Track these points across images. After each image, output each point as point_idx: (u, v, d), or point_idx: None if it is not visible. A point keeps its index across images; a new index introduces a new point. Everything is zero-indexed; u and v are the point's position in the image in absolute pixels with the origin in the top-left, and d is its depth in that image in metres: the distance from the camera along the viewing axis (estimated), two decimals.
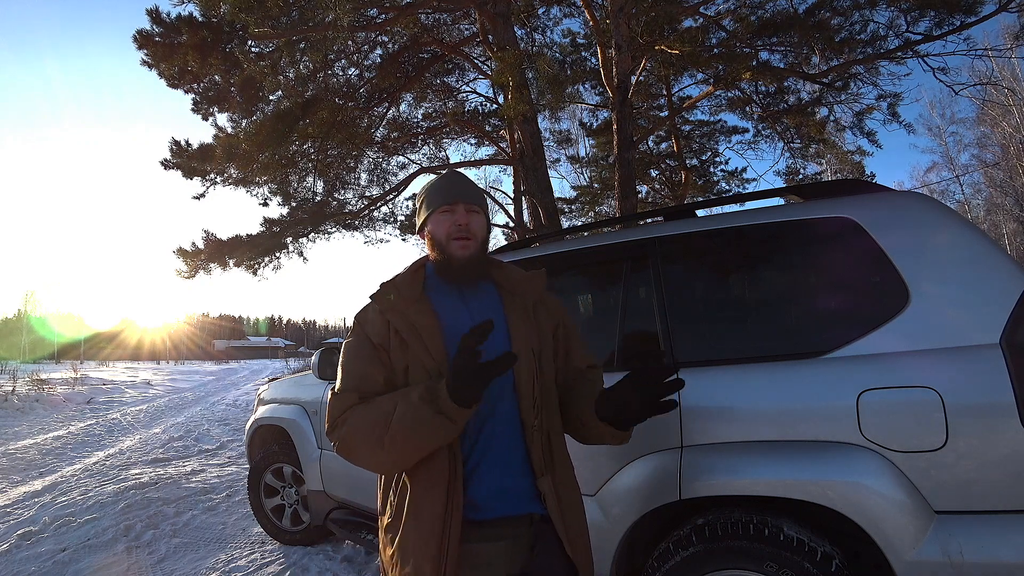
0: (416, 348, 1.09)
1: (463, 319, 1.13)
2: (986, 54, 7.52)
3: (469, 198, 1.17)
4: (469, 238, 1.15)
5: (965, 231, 1.43)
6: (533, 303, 1.21)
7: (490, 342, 1.04)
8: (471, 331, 0.94)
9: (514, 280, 1.22)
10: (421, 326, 1.11)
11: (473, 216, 1.17)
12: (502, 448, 1.08)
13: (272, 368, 30.10)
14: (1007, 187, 19.68)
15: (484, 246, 1.20)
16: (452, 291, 1.18)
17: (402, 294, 1.16)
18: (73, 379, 14.86)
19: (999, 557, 1.20)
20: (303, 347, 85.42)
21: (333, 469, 2.79)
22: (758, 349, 1.61)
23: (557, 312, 1.26)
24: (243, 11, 5.19)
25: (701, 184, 11.67)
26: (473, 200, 1.18)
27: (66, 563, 3.06)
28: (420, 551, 0.99)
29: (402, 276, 1.22)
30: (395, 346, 1.12)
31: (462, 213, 1.15)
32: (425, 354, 1.08)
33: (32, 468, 5.58)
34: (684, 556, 1.46)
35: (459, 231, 1.14)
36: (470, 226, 1.15)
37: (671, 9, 6.59)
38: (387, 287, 1.19)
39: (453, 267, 1.15)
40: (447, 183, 1.19)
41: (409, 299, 1.15)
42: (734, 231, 1.75)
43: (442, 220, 1.16)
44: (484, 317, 1.09)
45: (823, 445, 1.39)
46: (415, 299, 1.15)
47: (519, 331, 1.14)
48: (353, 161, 8.72)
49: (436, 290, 1.18)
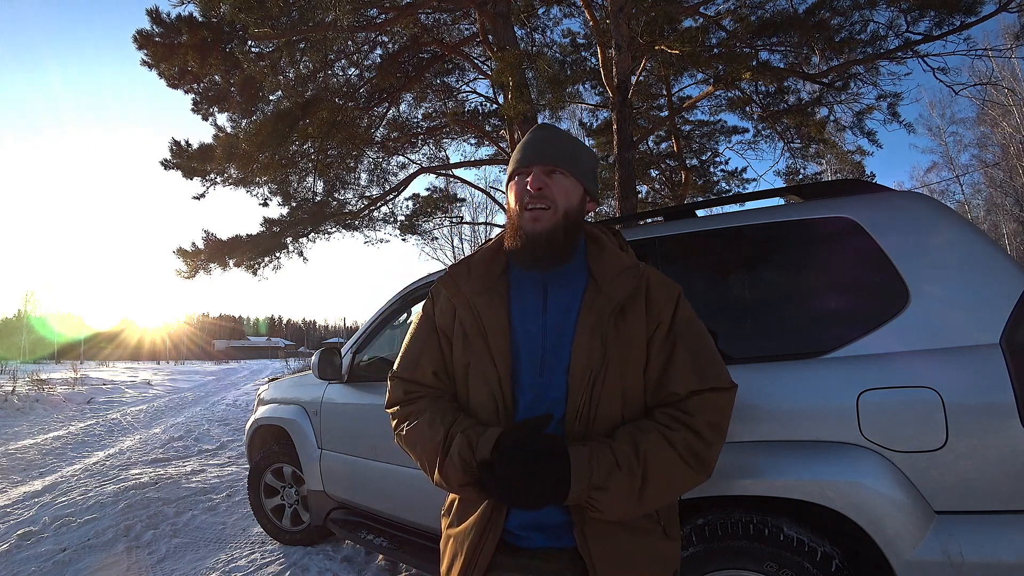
0: (480, 350, 0.93)
1: (535, 321, 0.94)
2: (986, 54, 7.51)
3: (548, 158, 0.94)
4: (544, 207, 0.92)
5: (965, 231, 1.43)
6: (621, 303, 0.92)
7: (552, 357, 0.92)
8: (525, 424, 0.83)
9: (607, 269, 0.95)
10: (489, 323, 0.94)
11: (555, 178, 0.93)
12: None
13: (272, 368, 30.10)
14: (1007, 187, 19.67)
15: (570, 218, 0.94)
16: (535, 278, 0.97)
17: (474, 277, 0.98)
18: (73, 379, 14.85)
19: (999, 557, 1.20)
20: (303, 347, 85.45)
21: (333, 469, 2.79)
22: (758, 349, 1.61)
23: (663, 312, 0.94)
24: (243, 11, 5.20)
25: (701, 184, 11.67)
26: (553, 159, 0.94)
27: (66, 563, 3.06)
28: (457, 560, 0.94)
29: (481, 254, 1.02)
30: (458, 339, 0.97)
31: (537, 175, 0.92)
32: (487, 359, 0.92)
33: (32, 468, 5.58)
34: (684, 556, 1.46)
35: (532, 199, 0.92)
36: (546, 191, 0.92)
37: (671, 9, 6.59)
38: (458, 267, 1.02)
39: (524, 246, 0.93)
40: (528, 140, 0.98)
41: (482, 285, 0.97)
42: (734, 231, 1.75)
43: (516, 186, 0.96)
44: (559, 318, 0.94)
45: (823, 445, 1.39)
46: (490, 286, 0.97)
47: (582, 348, 0.90)
48: (353, 161, 8.73)
49: (518, 275, 0.99)
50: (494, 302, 0.96)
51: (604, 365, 0.89)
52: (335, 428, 2.79)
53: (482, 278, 0.98)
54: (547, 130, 1.00)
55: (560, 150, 0.96)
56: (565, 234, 0.93)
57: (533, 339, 0.93)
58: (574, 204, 0.95)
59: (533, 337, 0.93)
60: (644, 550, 0.91)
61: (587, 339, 0.91)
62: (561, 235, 0.93)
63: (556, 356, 0.92)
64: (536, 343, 0.93)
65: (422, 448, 0.93)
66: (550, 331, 0.93)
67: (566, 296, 0.96)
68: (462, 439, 0.88)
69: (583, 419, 0.90)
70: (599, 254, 0.98)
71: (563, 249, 0.94)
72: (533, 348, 0.93)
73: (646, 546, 0.91)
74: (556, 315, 0.94)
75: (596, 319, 0.92)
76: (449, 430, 0.91)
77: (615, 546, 0.88)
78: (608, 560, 0.87)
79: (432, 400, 0.99)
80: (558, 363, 0.92)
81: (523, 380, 0.93)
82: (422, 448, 0.93)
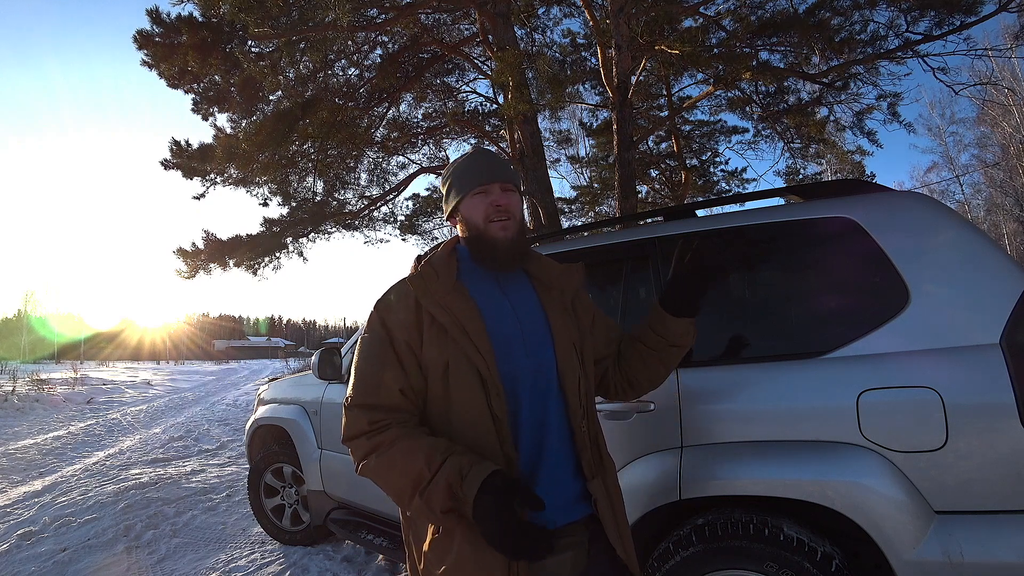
0: (461, 341, 0.98)
1: (504, 311, 1.06)
2: (986, 54, 7.52)
3: (504, 176, 1.08)
4: (509, 218, 1.07)
5: (965, 231, 1.43)
6: (571, 298, 1.14)
7: (532, 339, 1.05)
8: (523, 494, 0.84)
9: (551, 273, 1.14)
10: (464, 317, 1.00)
11: (510, 195, 1.09)
12: (555, 455, 1.03)
13: (272, 368, 30.09)
14: (1007, 187, 19.67)
15: (523, 227, 1.12)
16: (489, 278, 1.10)
17: (441, 278, 1.05)
18: (73, 379, 14.84)
19: (999, 557, 1.20)
20: (303, 347, 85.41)
21: (333, 469, 2.79)
22: (758, 349, 1.61)
23: (590, 305, 1.21)
24: (243, 11, 5.19)
25: (701, 184, 11.67)
26: (509, 178, 1.09)
27: (66, 563, 3.06)
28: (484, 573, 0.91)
29: (438, 257, 1.10)
30: (431, 339, 1.00)
31: (499, 193, 1.07)
32: (471, 348, 0.98)
33: (32, 468, 5.58)
34: (684, 556, 1.46)
35: (498, 212, 1.06)
36: (508, 205, 1.07)
37: (671, 9, 6.59)
38: (426, 268, 1.07)
39: (497, 250, 1.06)
40: (478, 162, 1.10)
41: (449, 285, 1.04)
42: (734, 231, 1.75)
43: (477, 202, 1.07)
44: (524, 309, 1.08)
45: (823, 445, 1.39)
46: (453, 286, 1.05)
47: (561, 328, 1.07)
48: (353, 161, 8.71)
49: (471, 277, 1.09)
50: (463, 298, 1.04)
51: (582, 342, 1.10)
52: (335, 428, 2.79)
53: (446, 278, 1.06)
54: (489, 153, 1.15)
55: (508, 171, 1.11)
56: (523, 238, 1.12)
57: (509, 326, 1.05)
58: (523, 216, 1.14)
59: (508, 325, 1.05)
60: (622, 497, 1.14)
61: (561, 321, 1.09)
62: (522, 240, 1.11)
63: (535, 337, 1.06)
64: (513, 329, 1.05)
65: (399, 472, 0.92)
66: (523, 319, 1.07)
67: (521, 291, 1.12)
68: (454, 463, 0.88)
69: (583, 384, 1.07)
70: (536, 259, 1.17)
71: (525, 250, 1.13)
72: (512, 334, 1.04)
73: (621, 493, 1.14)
74: (520, 304, 1.09)
75: (560, 303, 1.11)
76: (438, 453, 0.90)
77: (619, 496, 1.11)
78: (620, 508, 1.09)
79: (401, 427, 0.96)
80: (541, 343, 1.06)
81: (515, 362, 1.02)
82: (399, 472, 0.92)
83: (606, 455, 1.13)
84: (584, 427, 1.05)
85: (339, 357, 2.72)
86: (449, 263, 1.08)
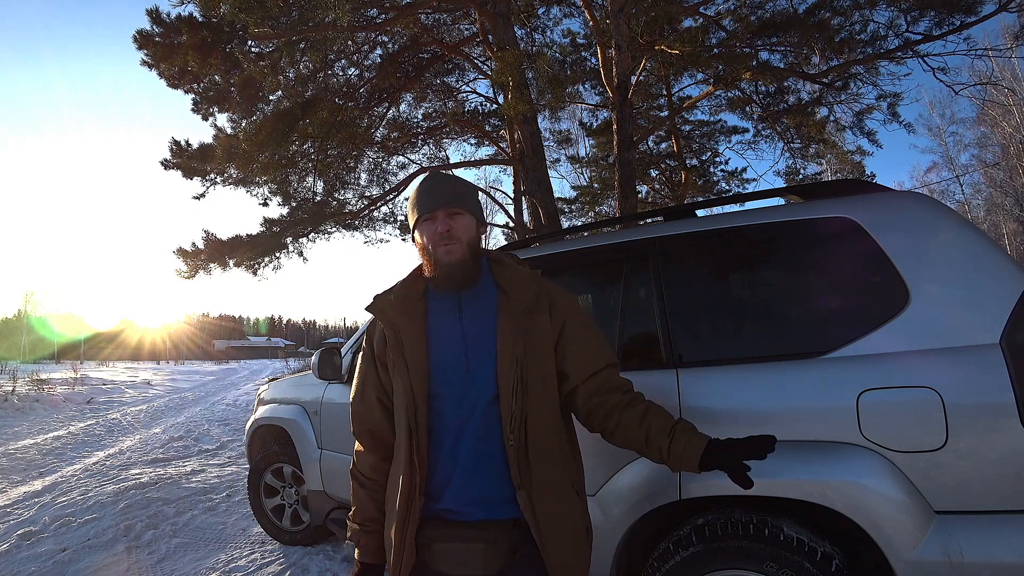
0: (397, 359, 1.11)
1: (453, 328, 1.13)
2: (986, 54, 7.52)
3: (448, 203, 1.13)
4: (453, 243, 1.12)
5: (965, 231, 1.43)
6: (529, 306, 1.14)
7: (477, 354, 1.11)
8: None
9: (512, 281, 1.17)
10: (405, 334, 1.12)
11: (456, 219, 1.14)
12: (481, 459, 1.08)
13: (272, 368, 30.10)
14: (1007, 187, 19.67)
15: (473, 247, 1.16)
16: (451, 296, 1.16)
17: (396, 300, 1.17)
18: (73, 379, 14.84)
19: (999, 557, 1.20)
20: (303, 347, 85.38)
21: (333, 469, 2.79)
22: (758, 349, 1.61)
23: (565, 312, 1.18)
24: (243, 11, 5.19)
25: (701, 184, 11.67)
26: (453, 204, 1.13)
27: (66, 563, 3.06)
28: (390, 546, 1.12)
29: (401, 282, 1.22)
30: (389, 358, 1.15)
31: (442, 220, 1.13)
32: (402, 363, 1.10)
33: (32, 468, 5.58)
34: (684, 556, 1.46)
35: (442, 238, 1.12)
36: (452, 231, 1.12)
37: (671, 9, 6.59)
38: (384, 294, 1.22)
39: (442, 273, 1.13)
40: (426, 190, 1.15)
41: (403, 306, 1.16)
42: (734, 231, 1.75)
43: (425, 228, 1.15)
44: (476, 324, 1.13)
45: (823, 445, 1.39)
46: (411, 306, 1.16)
47: (506, 340, 1.10)
48: (353, 161, 8.72)
49: (435, 296, 1.18)
50: (413, 319, 1.15)
51: (527, 353, 1.10)
52: (335, 428, 2.79)
53: (402, 301, 1.17)
54: (438, 177, 1.18)
55: (455, 194, 1.15)
56: (472, 259, 1.15)
57: (454, 342, 1.12)
58: (473, 235, 1.17)
59: (453, 340, 1.12)
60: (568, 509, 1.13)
61: (509, 334, 1.10)
62: (470, 261, 1.15)
63: (480, 352, 1.10)
64: (457, 345, 1.12)
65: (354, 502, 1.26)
66: (469, 335, 1.12)
67: (481, 307, 1.15)
68: (357, 533, 1.22)
69: (518, 397, 1.07)
70: (503, 271, 1.19)
71: (473, 272, 1.16)
72: (455, 350, 1.11)
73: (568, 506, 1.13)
74: (473, 322, 1.13)
75: (512, 318, 1.12)
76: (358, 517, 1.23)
77: (551, 509, 1.09)
78: (548, 521, 1.07)
79: (369, 492, 1.23)
80: (484, 357, 1.10)
81: (449, 377, 1.10)
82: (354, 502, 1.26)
83: (544, 465, 1.10)
84: (513, 440, 1.06)
85: (339, 357, 2.72)
86: (413, 284, 1.20)
